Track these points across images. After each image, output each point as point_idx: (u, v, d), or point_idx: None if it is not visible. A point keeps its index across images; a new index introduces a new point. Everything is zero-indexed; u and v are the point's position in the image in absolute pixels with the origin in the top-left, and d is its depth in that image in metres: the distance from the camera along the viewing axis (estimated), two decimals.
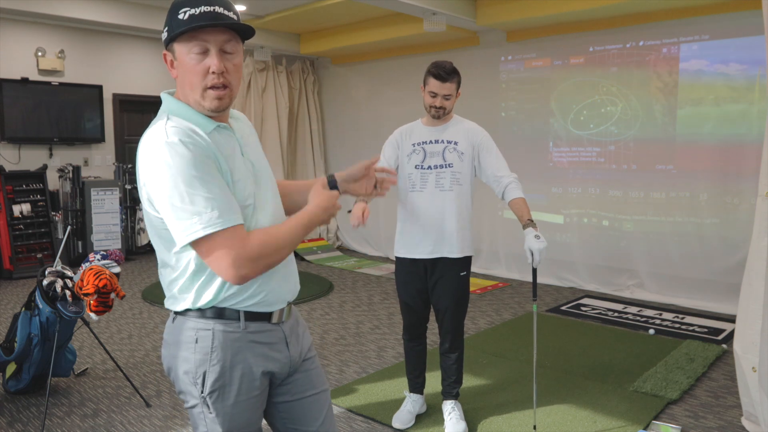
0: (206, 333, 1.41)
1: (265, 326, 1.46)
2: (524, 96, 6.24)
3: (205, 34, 1.32)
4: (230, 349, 1.41)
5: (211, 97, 1.35)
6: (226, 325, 1.41)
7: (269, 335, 1.47)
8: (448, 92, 2.75)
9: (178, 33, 1.31)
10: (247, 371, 1.43)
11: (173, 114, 1.37)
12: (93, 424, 3.02)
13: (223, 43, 1.34)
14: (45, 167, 6.85)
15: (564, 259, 6.00)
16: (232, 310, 1.41)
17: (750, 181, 4.77)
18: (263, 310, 1.45)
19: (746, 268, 2.84)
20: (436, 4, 5.34)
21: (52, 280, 3.10)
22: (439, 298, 2.87)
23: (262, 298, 1.43)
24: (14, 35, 6.62)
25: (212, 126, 1.38)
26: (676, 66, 5.23)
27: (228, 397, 1.42)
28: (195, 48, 1.33)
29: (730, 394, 3.32)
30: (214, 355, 1.40)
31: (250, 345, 1.44)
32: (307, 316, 4.96)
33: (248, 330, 1.43)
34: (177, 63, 1.37)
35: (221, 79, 1.34)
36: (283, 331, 1.50)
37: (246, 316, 1.42)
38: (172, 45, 1.36)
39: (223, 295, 1.40)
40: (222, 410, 1.43)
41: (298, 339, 1.57)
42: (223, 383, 1.42)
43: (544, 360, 3.88)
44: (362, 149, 7.70)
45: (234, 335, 1.42)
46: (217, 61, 1.33)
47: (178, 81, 1.39)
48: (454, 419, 2.88)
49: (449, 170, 2.80)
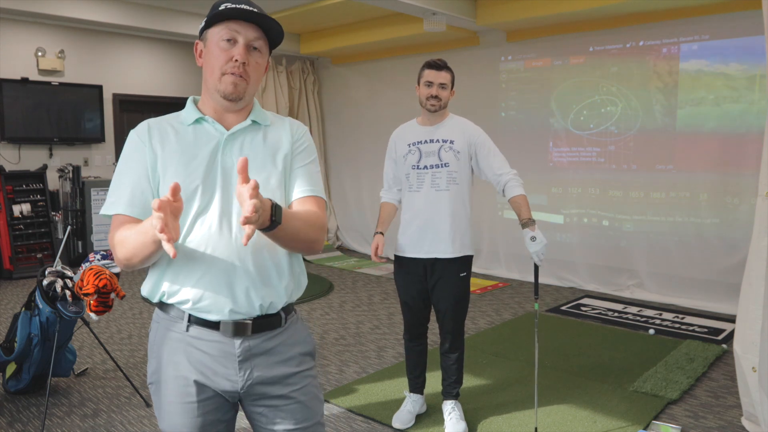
0: (156, 325, 1.48)
1: (211, 335, 1.40)
2: (524, 96, 6.24)
3: (237, 26, 1.40)
4: (167, 347, 1.43)
5: (227, 81, 1.41)
6: (170, 323, 1.43)
7: (213, 346, 1.40)
8: (443, 80, 2.77)
9: (215, 17, 1.40)
10: (179, 374, 1.41)
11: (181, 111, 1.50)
12: (93, 424, 3.02)
13: (252, 39, 1.42)
14: (45, 167, 6.85)
15: (564, 259, 6.00)
16: (177, 309, 1.42)
17: (750, 181, 4.77)
18: (203, 317, 1.39)
19: (746, 268, 2.84)
20: (436, 4, 5.34)
21: (52, 280, 3.10)
22: (439, 299, 2.87)
23: (193, 304, 1.39)
24: (14, 35, 6.62)
25: (193, 118, 1.46)
26: (676, 66, 5.23)
27: (161, 395, 1.44)
28: (225, 35, 1.40)
29: (730, 394, 3.32)
30: (155, 347, 1.45)
31: (189, 349, 1.41)
32: (307, 316, 4.96)
33: (190, 333, 1.41)
34: (205, 51, 1.45)
35: (241, 69, 1.40)
36: (234, 346, 1.40)
37: (189, 319, 1.41)
38: (206, 32, 1.44)
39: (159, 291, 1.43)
40: (158, 405, 1.46)
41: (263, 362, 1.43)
42: (157, 378, 1.45)
43: (544, 360, 3.88)
44: (362, 149, 7.70)
45: (175, 334, 1.42)
46: (243, 51, 1.40)
47: (203, 71, 1.47)
48: (454, 419, 2.88)
49: (445, 170, 2.80)
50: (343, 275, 6.54)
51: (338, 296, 5.62)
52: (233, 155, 1.43)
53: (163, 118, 1.49)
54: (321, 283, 6.11)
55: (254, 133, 1.48)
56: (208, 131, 1.45)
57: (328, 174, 8.30)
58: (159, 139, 1.42)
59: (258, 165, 1.44)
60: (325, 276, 6.46)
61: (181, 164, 1.40)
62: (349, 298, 5.54)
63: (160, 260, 1.41)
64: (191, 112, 1.47)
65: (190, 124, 1.46)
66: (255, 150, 1.46)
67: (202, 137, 1.44)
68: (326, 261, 7.25)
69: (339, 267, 6.94)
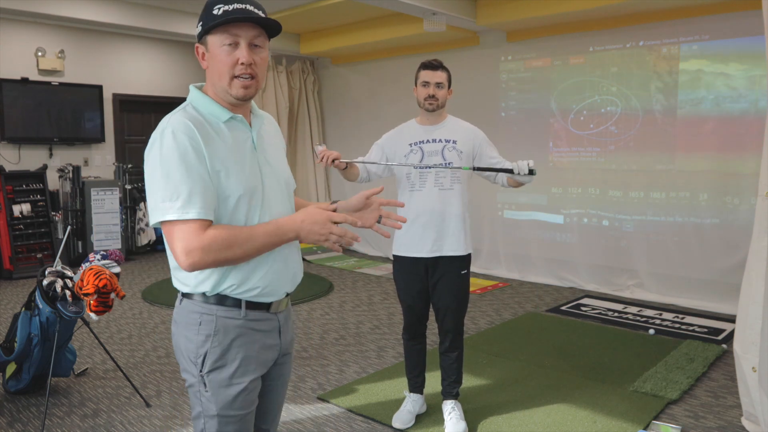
0: (209, 317, 1.51)
1: (264, 315, 1.57)
2: (524, 96, 6.24)
3: (236, 29, 1.44)
4: (231, 334, 1.52)
5: (238, 85, 1.46)
6: (227, 311, 1.51)
7: (267, 323, 1.57)
8: (439, 80, 2.79)
9: (212, 26, 1.43)
10: (244, 355, 1.53)
11: (194, 103, 1.51)
12: (93, 424, 3.02)
13: (252, 37, 1.46)
14: (45, 167, 6.85)
15: (564, 259, 6.00)
16: (233, 299, 1.51)
17: (750, 181, 4.77)
18: (263, 300, 1.55)
19: (746, 269, 2.84)
20: (436, 4, 5.34)
21: (52, 280, 3.10)
22: (440, 297, 2.88)
23: (261, 291, 1.52)
24: (14, 35, 6.63)
25: (227, 116, 1.50)
26: (676, 66, 5.23)
27: (224, 379, 1.52)
28: (227, 40, 1.44)
29: (730, 394, 3.32)
30: (216, 338, 1.51)
31: (249, 332, 1.54)
32: (307, 316, 4.96)
33: (248, 318, 1.53)
34: (208, 55, 1.49)
35: (249, 70, 1.46)
36: (278, 320, 1.61)
37: (247, 305, 1.52)
38: (206, 38, 1.48)
39: (224, 286, 1.50)
40: (217, 390, 1.52)
41: (288, 329, 1.68)
42: (221, 364, 1.52)
43: (544, 360, 3.88)
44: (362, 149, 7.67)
45: (235, 321, 1.52)
46: (247, 53, 1.45)
47: (208, 72, 1.51)
48: (454, 419, 2.89)
49: (449, 169, 2.81)
50: (343, 275, 6.54)
51: (338, 296, 5.62)
52: (262, 150, 1.57)
53: (192, 117, 1.46)
54: (321, 283, 6.11)
55: (265, 129, 1.63)
56: (240, 129, 1.53)
57: (328, 174, 8.30)
58: (207, 140, 1.44)
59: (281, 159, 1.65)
60: (325, 276, 6.46)
61: (238, 165, 1.47)
62: (349, 298, 5.54)
63: None
64: (218, 109, 1.50)
65: (224, 122, 1.50)
66: (275, 146, 1.64)
67: (239, 135, 1.52)
68: (326, 261, 7.25)
69: (339, 267, 6.94)
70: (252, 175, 1.49)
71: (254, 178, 1.50)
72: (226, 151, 1.46)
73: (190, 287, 1.51)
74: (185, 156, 1.39)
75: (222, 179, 1.43)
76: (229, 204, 1.45)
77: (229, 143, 1.47)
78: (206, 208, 1.39)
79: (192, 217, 1.37)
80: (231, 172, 1.44)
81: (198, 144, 1.41)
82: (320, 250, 7.70)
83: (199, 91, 1.52)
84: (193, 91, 1.53)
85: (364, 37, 6.70)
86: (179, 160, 1.38)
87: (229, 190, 1.44)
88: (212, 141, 1.44)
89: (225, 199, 1.44)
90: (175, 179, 1.37)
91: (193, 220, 1.37)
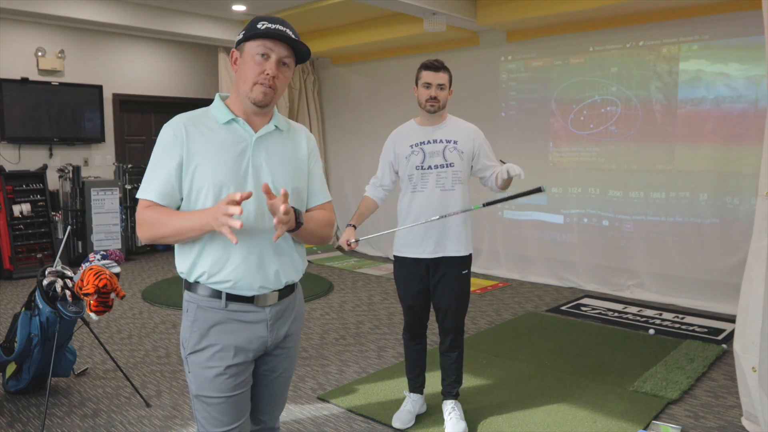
0: (192, 305, 1.69)
1: (248, 307, 1.69)
2: (524, 96, 6.24)
3: (271, 44, 1.64)
4: (210, 321, 1.67)
5: (259, 90, 1.65)
6: (209, 301, 1.67)
7: (252, 315, 1.69)
8: (441, 81, 2.78)
9: (253, 35, 1.63)
10: (222, 342, 1.66)
11: (210, 107, 1.73)
12: (93, 424, 3.02)
13: (284, 56, 1.67)
14: (45, 167, 6.85)
15: (564, 259, 6.00)
16: (212, 290, 1.66)
17: (750, 181, 4.77)
18: (240, 294, 1.67)
19: (746, 268, 2.84)
20: (436, 4, 5.34)
21: (52, 280, 3.10)
22: (440, 297, 2.87)
23: (234, 284, 1.65)
24: (14, 35, 6.63)
25: (227, 118, 1.68)
26: (676, 66, 5.23)
27: (201, 361, 1.67)
28: (260, 50, 1.64)
29: (730, 394, 3.32)
30: (196, 323, 1.68)
31: (231, 321, 1.67)
32: (307, 316, 4.96)
33: (230, 309, 1.67)
34: (241, 60, 1.68)
35: (271, 82, 1.65)
36: (267, 313, 1.71)
37: (227, 297, 1.66)
38: (244, 44, 1.67)
39: (195, 274, 1.66)
40: (196, 371, 1.68)
41: (283, 324, 1.76)
42: (200, 348, 1.67)
43: (544, 360, 3.88)
44: (362, 149, 7.70)
45: (215, 311, 1.67)
46: (274, 67, 1.65)
47: (237, 76, 1.69)
48: (454, 419, 2.88)
49: (450, 170, 2.82)
50: (343, 275, 6.54)
51: (338, 296, 5.62)
52: (260, 157, 1.69)
53: (195, 115, 1.69)
54: (321, 283, 6.11)
55: (277, 138, 1.74)
56: (238, 132, 1.68)
57: (329, 174, 8.30)
58: (194, 137, 1.64)
59: (290, 170, 1.74)
60: (325, 276, 6.46)
61: (215, 163, 1.63)
62: (349, 298, 5.54)
63: (195, 244, 1.65)
64: (223, 112, 1.69)
65: (223, 124, 1.67)
66: (282, 156, 1.73)
67: (233, 137, 1.67)
68: (326, 261, 7.25)
69: (339, 267, 6.94)
70: (230, 172, 1.63)
71: (231, 176, 1.63)
72: (212, 148, 1.64)
73: (179, 270, 1.71)
74: (163, 149, 1.64)
75: (198, 171, 1.62)
76: (201, 195, 1.62)
77: (217, 141, 1.65)
78: (161, 194, 1.62)
79: (146, 197, 1.63)
80: (208, 165, 1.62)
81: (179, 140, 1.62)
82: (320, 250, 7.70)
83: (219, 98, 1.73)
84: (215, 98, 1.74)
85: (364, 37, 6.70)
86: (158, 152, 1.65)
87: (202, 181, 1.62)
88: (200, 138, 1.64)
89: (198, 190, 1.62)
90: (150, 166, 1.66)
91: (147, 200, 1.63)
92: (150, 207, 1.62)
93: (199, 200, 1.63)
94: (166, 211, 1.62)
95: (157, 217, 1.61)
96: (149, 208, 1.62)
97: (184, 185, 1.63)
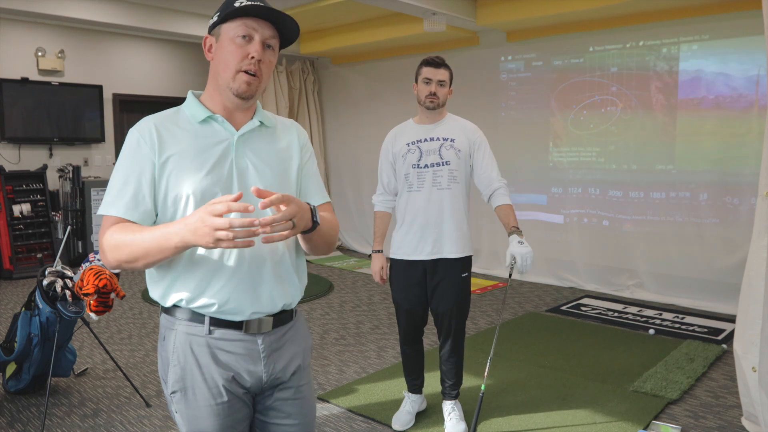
0: (171, 332, 1.43)
1: (235, 335, 1.41)
2: (524, 96, 6.24)
3: (254, 23, 1.39)
4: (191, 353, 1.40)
5: (242, 80, 1.40)
6: (189, 327, 1.40)
7: (239, 345, 1.42)
8: (442, 78, 2.75)
9: (232, 13, 1.38)
10: (208, 377, 1.40)
11: (183, 105, 1.47)
12: (93, 424, 3.02)
13: (268, 37, 1.41)
14: (45, 167, 6.85)
15: (564, 259, 6.00)
16: (197, 314, 1.40)
17: (750, 181, 4.77)
18: (227, 318, 1.40)
19: (746, 268, 2.84)
20: (436, 4, 5.34)
21: (52, 280, 3.10)
22: (440, 302, 2.81)
23: (219, 307, 1.39)
24: (14, 35, 6.62)
25: (204, 115, 1.43)
26: (676, 66, 5.23)
27: (189, 401, 1.41)
28: (242, 31, 1.39)
29: (730, 394, 3.32)
30: (175, 356, 1.41)
31: (214, 351, 1.40)
32: (307, 316, 4.95)
33: (213, 336, 1.40)
34: (217, 46, 1.43)
35: (256, 67, 1.40)
36: (259, 343, 1.43)
37: (211, 321, 1.40)
38: (219, 27, 1.41)
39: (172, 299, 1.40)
40: (184, 412, 1.42)
41: (281, 357, 1.48)
42: (183, 386, 1.41)
43: (544, 360, 3.88)
44: (362, 149, 7.70)
45: (197, 338, 1.40)
46: (259, 49, 1.39)
47: (213, 65, 1.44)
48: (454, 419, 2.88)
49: (446, 168, 2.76)
50: (343, 275, 6.54)
51: (338, 296, 5.62)
52: (245, 157, 1.43)
53: (165, 115, 1.44)
54: (321, 283, 6.11)
55: (263, 135, 1.49)
56: (216, 131, 1.43)
57: (328, 174, 8.30)
58: (166, 140, 1.38)
59: (279, 171, 1.48)
60: (325, 276, 6.46)
61: (194, 167, 1.38)
62: (349, 298, 5.54)
63: (169, 265, 1.38)
64: (198, 109, 1.44)
65: (199, 123, 1.43)
66: (269, 155, 1.48)
67: (212, 137, 1.42)
68: (326, 261, 7.25)
69: (339, 267, 6.94)
70: (213, 179, 1.38)
71: (215, 183, 1.38)
72: (188, 151, 1.39)
73: (157, 297, 1.44)
74: (129, 157, 1.38)
75: (172, 179, 1.37)
76: (179, 206, 1.37)
77: (193, 143, 1.40)
78: (129, 209, 1.35)
79: (111, 212, 1.36)
80: (185, 171, 1.37)
81: (149, 143, 1.37)
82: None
83: (192, 95, 1.48)
84: (188, 96, 1.50)
85: (364, 37, 6.70)
86: (124, 160, 1.39)
87: (177, 190, 1.37)
88: (173, 140, 1.39)
89: (175, 201, 1.37)
90: (115, 176, 1.39)
91: (112, 217, 1.36)
92: (117, 225, 1.34)
93: (177, 213, 1.37)
94: (132, 228, 1.32)
95: (119, 239, 1.31)
96: (116, 227, 1.33)
97: (158, 196, 1.37)
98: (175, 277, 1.39)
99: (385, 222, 2.94)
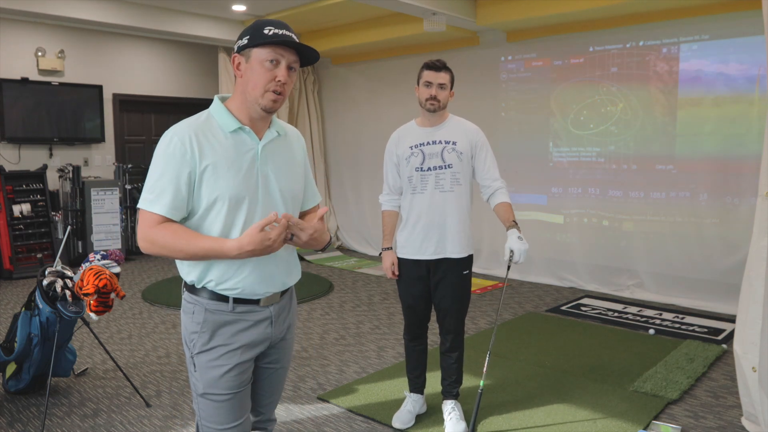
0: (199, 308, 1.70)
1: (253, 308, 1.73)
2: (524, 96, 6.24)
3: (281, 50, 1.63)
4: (218, 322, 1.69)
5: (269, 98, 1.64)
6: (216, 304, 1.69)
7: (256, 315, 1.73)
8: (442, 81, 2.77)
9: (263, 42, 1.60)
10: (229, 341, 1.70)
11: (211, 112, 1.70)
12: (93, 424, 3.02)
13: (292, 61, 1.66)
14: (45, 167, 6.85)
15: (564, 259, 6.00)
16: (221, 295, 1.68)
17: (750, 181, 4.77)
18: (248, 298, 1.70)
19: (746, 268, 2.84)
20: (436, 4, 5.34)
21: (52, 280, 3.10)
22: (441, 298, 2.87)
23: (242, 291, 1.69)
24: (14, 35, 6.63)
25: (234, 126, 1.66)
26: (676, 66, 5.23)
27: (209, 360, 1.70)
28: (270, 56, 1.62)
29: (730, 394, 3.32)
30: (205, 324, 1.69)
31: (237, 321, 1.71)
32: (307, 316, 4.96)
33: (236, 311, 1.70)
34: (247, 66, 1.65)
35: (282, 88, 1.65)
36: (270, 312, 1.76)
37: (234, 300, 1.70)
38: (250, 50, 1.64)
39: (205, 281, 1.68)
40: (203, 371, 1.70)
41: (283, 318, 1.82)
42: (208, 348, 1.70)
43: (544, 360, 3.88)
44: (362, 149, 7.71)
45: (223, 313, 1.69)
46: (285, 73, 1.64)
47: (241, 81, 1.67)
48: (454, 419, 2.88)
49: (449, 171, 2.80)
50: (343, 275, 6.54)
51: (338, 296, 5.62)
52: (267, 164, 1.70)
53: (199, 123, 1.65)
54: (321, 283, 6.11)
55: (279, 144, 1.76)
56: (245, 141, 1.68)
57: (329, 174, 8.30)
58: (204, 148, 1.60)
59: (291, 176, 1.77)
60: (325, 276, 6.46)
61: (230, 174, 1.62)
62: (349, 298, 5.54)
63: None
64: (229, 120, 1.66)
65: (231, 132, 1.66)
66: (285, 162, 1.76)
67: (241, 147, 1.67)
68: (326, 261, 7.25)
69: (339, 267, 6.94)
70: (244, 184, 1.64)
71: (246, 187, 1.64)
72: (223, 159, 1.62)
73: (185, 277, 1.72)
74: (172, 160, 1.59)
75: (210, 184, 1.60)
76: (214, 209, 1.62)
77: (228, 152, 1.63)
78: (172, 209, 1.59)
79: (156, 211, 1.58)
80: (221, 176, 1.61)
81: (190, 152, 1.59)
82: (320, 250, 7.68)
83: (219, 102, 1.70)
84: (214, 101, 1.71)
85: (364, 37, 6.70)
86: (166, 163, 1.59)
87: (217, 191, 1.61)
88: (210, 148, 1.61)
89: (211, 204, 1.61)
90: (157, 176, 1.59)
91: (155, 214, 1.58)
92: (162, 225, 1.58)
93: (210, 215, 1.62)
94: (182, 234, 1.58)
95: (172, 241, 1.57)
96: (162, 226, 1.58)
97: (195, 199, 1.61)
98: (209, 264, 1.66)
99: (393, 220, 3.00)
